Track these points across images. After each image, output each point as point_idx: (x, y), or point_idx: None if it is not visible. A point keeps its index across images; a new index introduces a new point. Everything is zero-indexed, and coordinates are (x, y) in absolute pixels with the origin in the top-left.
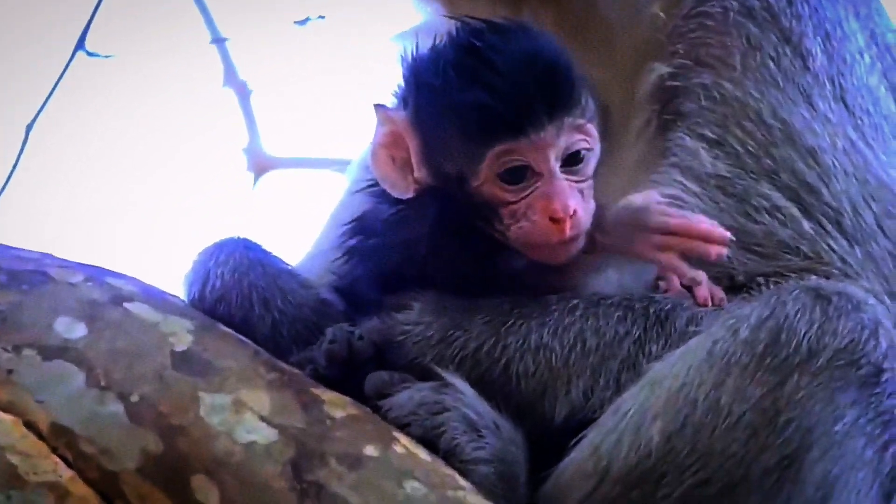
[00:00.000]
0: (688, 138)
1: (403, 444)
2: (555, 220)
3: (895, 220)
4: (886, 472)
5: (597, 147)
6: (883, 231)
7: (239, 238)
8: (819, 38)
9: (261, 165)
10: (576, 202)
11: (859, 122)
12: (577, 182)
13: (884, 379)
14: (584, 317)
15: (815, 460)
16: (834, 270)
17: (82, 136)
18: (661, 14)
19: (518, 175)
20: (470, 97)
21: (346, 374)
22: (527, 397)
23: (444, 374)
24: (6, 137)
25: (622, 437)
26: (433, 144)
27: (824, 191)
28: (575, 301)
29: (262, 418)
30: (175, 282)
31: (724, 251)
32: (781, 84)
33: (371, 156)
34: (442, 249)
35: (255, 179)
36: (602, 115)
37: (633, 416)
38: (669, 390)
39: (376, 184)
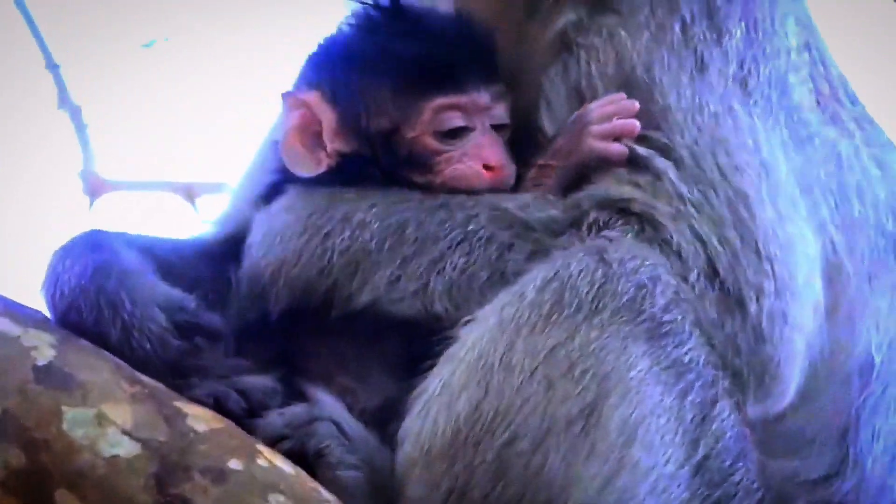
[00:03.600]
0: (558, 80)
1: (267, 457)
2: (488, 168)
3: (745, 175)
4: (690, 418)
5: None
6: (726, 179)
7: (88, 236)
8: (744, 24)
9: (96, 188)
10: (505, 158)
11: (752, 102)
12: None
13: (664, 331)
14: (413, 207)
15: (615, 406)
16: (661, 206)
17: None
18: None
19: (455, 133)
20: (410, 50)
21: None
22: (338, 272)
23: (313, 391)
24: None
25: (437, 418)
26: (355, 109)
27: (664, 139)
28: (412, 193)
29: (125, 432)
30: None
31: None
32: (676, 45)
33: (282, 141)
34: None
35: (91, 202)
36: None
37: (442, 395)
38: (469, 362)
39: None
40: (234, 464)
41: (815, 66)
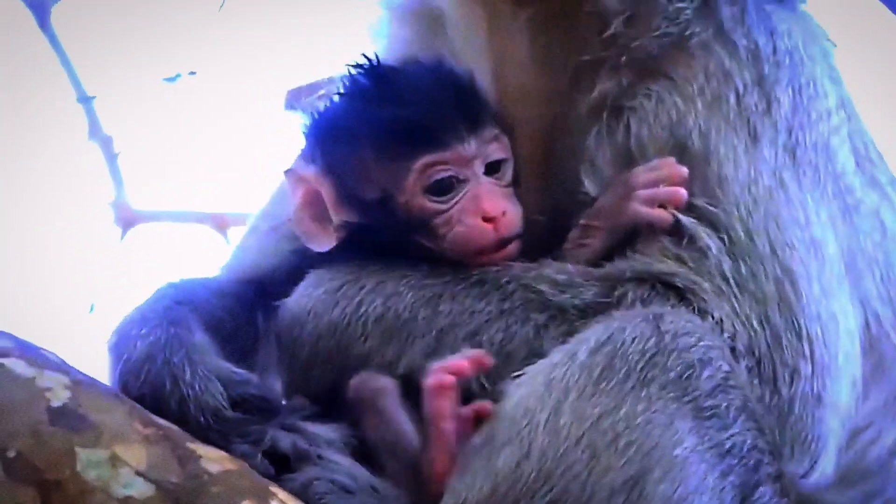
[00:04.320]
0: (603, 142)
1: (280, 498)
2: (487, 220)
3: (795, 252)
4: (729, 499)
5: (511, 155)
6: (776, 256)
7: (168, 310)
8: (790, 90)
9: (128, 219)
10: (504, 203)
11: (801, 173)
12: (500, 186)
13: (708, 415)
14: (446, 282)
15: (658, 482)
16: (705, 284)
17: None
18: (623, 30)
19: (445, 186)
20: (386, 115)
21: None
22: (372, 342)
23: (324, 452)
24: None
25: (477, 472)
26: (350, 179)
27: (716, 211)
28: (443, 268)
29: (139, 473)
30: (44, 339)
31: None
32: (731, 117)
33: (294, 220)
34: None
35: (123, 233)
36: (507, 129)
37: (484, 450)
38: (514, 419)
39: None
40: None
41: (850, 124)
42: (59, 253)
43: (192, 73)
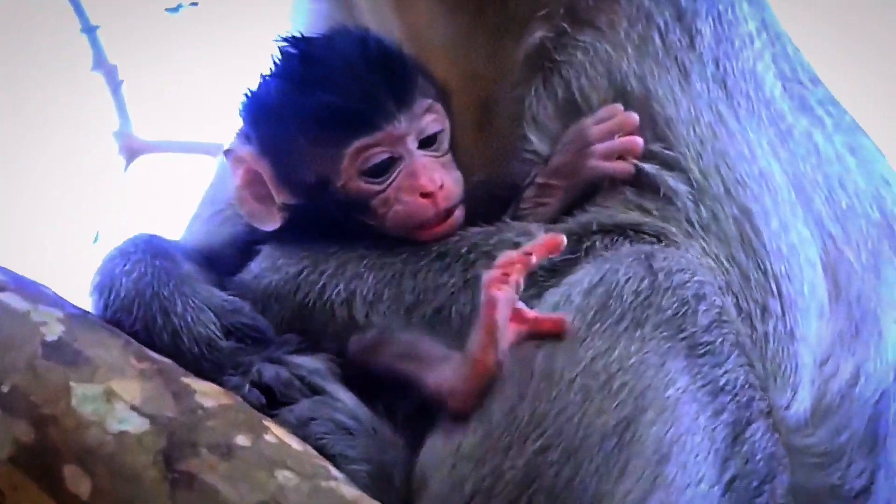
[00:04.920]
0: (543, 96)
1: (275, 433)
2: (426, 195)
3: (748, 189)
4: (721, 438)
5: (446, 123)
6: (731, 195)
7: (148, 243)
8: (710, 19)
9: (132, 149)
10: (441, 175)
11: (736, 104)
12: (436, 157)
13: (703, 351)
14: (405, 259)
15: (651, 423)
16: (673, 229)
17: None
18: None
19: (381, 168)
20: (314, 101)
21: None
22: (340, 325)
23: (325, 385)
24: None
25: (471, 416)
26: (286, 163)
27: (673, 154)
28: (402, 246)
29: (134, 408)
30: (47, 270)
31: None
32: (660, 57)
33: (237, 200)
34: None
35: (127, 163)
36: (442, 94)
37: None
38: (507, 364)
39: None
40: (242, 440)
41: (773, 47)
42: (63, 183)
43: (194, 3)
